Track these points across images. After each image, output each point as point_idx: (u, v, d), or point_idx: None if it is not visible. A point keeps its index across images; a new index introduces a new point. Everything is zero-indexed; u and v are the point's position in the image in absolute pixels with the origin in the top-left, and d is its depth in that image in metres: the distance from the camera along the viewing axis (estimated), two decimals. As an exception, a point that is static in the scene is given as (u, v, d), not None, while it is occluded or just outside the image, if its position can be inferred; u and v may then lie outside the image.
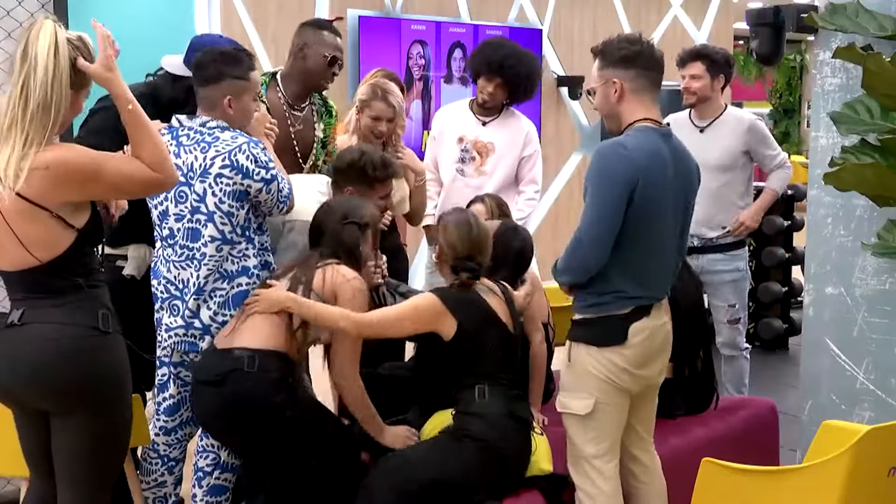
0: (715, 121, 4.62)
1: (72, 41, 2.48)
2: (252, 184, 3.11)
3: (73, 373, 2.50)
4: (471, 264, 3.13)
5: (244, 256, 3.19)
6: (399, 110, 4.05)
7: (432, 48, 7.87)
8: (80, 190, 2.48)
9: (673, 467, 3.29)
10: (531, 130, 4.63)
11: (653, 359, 3.00)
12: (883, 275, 3.61)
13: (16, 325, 2.50)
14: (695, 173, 3.05)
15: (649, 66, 2.94)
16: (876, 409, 3.63)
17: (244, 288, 3.18)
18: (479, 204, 3.92)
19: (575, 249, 2.86)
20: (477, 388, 3.06)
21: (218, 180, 3.10)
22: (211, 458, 3.25)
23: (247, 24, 7.03)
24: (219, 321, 3.18)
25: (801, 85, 20.76)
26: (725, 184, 4.58)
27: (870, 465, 2.65)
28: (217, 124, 3.16)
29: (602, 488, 2.94)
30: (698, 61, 4.57)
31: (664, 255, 2.98)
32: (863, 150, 3.36)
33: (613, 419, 2.97)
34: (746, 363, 4.76)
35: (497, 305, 3.17)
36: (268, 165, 3.14)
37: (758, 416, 3.98)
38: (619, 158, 2.82)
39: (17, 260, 2.48)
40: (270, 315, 3.07)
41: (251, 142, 3.14)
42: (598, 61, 2.97)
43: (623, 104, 2.93)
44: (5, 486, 3.92)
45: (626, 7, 9.22)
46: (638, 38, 2.97)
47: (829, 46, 3.60)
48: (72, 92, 2.47)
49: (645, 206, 2.82)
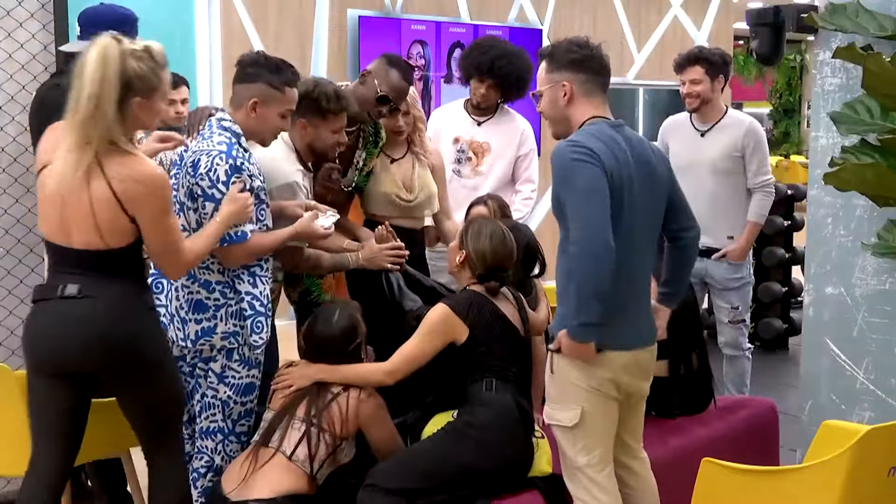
0: (716, 124, 4.61)
1: (135, 51, 2.68)
2: (196, 188, 3.05)
3: (133, 347, 2.77)
4: (500, 273, 3.19)
5: (208, 270, 3.13)
6: (412, 101, 4.04)
7: (432, 48, 7.87)
8: (147, 217, 2.73)
9: (673, 467, 3.29)
10: (527, 129, 4.62)
11: (636, 367, 2.93)
12: (883, 275, 3.61)
13: (74, 297, 2.72)
14: (654, 157, 2.92)
15: (599, 70, 2.90)
16: (876, 409, 3.63)
17: (200, 298, 3.13)
18: (482, 206, 3.90)
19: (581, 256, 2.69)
20: (485, 381, 3.10)
21: (185, 172, 3.09)
22: (205, 460, 3.25)
23: (247, 24, 7.03)
24: (180, 316, 3.16)
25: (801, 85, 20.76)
26: (727, 187, 4.58)
27: (870, 465, 2.65)
28: (229, 125, 3.14)
29: (600, 499, 2.88)
30: (697, 65, 4.56)
31: (642, 252, 2.89)
32: (863, 150, 3.36)
33: (602, 427, 2.89)
34: (748, 363, 4.76)
35: (506, 308, 3.20)
36: (217, 185, 3.02)
37: (758, 416, 3.98)
38: (577, 151, 2.72)
39: (86, 241, 2.71)
40: (282, 461, 3.01)
41: (227, 153, 3.05)
42: (546, 65, 2.92)
43: (572, 107, 2.88)
44: (5, 486, 3.92)
45: (626, 7, 9.21)
46: (586, 41, 2.92)
47: (829, 46, 3.60)
48: (139, 100, 2.68)
49: (614, 196, 2.72)
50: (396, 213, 4.05)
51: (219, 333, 3.15)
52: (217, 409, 3.22)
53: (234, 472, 3.03)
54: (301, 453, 3.01)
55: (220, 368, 3.18)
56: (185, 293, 3.15)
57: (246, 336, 3.17)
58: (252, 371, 3.22)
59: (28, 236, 3.98)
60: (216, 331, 3.14)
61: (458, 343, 3.12)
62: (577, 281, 2.69)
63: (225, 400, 3.20)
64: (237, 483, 2.97)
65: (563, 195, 2.76)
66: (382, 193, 4.01)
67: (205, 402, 3.23)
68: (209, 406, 3.23)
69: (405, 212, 4.07)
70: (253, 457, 3.02)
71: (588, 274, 2.67)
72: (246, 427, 3.26)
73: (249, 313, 3.15)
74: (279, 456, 3.01)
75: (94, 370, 2.79)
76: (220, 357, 3.18)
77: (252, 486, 2.95)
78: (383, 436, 3.18)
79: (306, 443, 3.02)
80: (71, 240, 2.73)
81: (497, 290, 3.20)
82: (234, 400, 3.20)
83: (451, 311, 3.12)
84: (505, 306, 3.21)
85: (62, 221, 2.72)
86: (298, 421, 3.06)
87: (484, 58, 4.40)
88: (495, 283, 3.19)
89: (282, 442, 3.03)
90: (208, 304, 3.14)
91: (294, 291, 3.81)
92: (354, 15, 7.41)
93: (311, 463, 3.00)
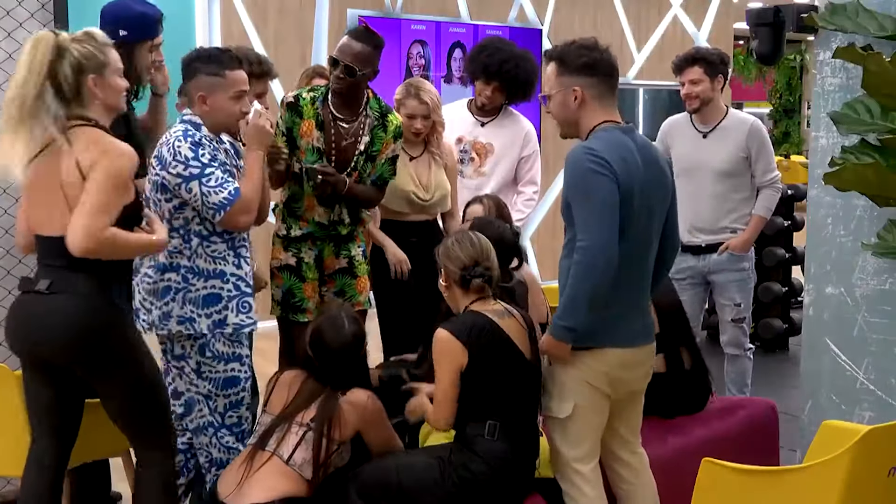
0: (718, 125, 4.61)
1: (76, 37, 2.79)
2: (168, 177, 3.11)
3: (91, 344, 2.80)
4: (479, 269, 3.05)
5: (178, 254, 3.18)
6: (434, 106, 4.10)
7: (432, 48, 7.87)
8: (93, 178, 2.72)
9: (673, 467, 3.29)
10: (530, 131, 4.63)
11: (635, 364, 2.98)
12: (883, 275, 3.61)
13: (43, 292, 2.78)
14: (662, 162, 3.01)
15: (609, 72, 2.93)
16: (876, 409, 3.62)
17: (170, 285, 3.18)
18: (477, 204, 3.92)
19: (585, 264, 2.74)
20: (488, 425, 2.97)
21: (150, 168, 3.19)
22: (205, 455, 3.28)
23: (247, 24, 7.03)
24: (146, 307, 3.20)
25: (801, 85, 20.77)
26: (730, 188, 4.58)
27: (870, 465, 2.65)
28: (189, 118, 3.21)
29: (586, 493, 2.95)
30: (695, 66, 4.55)
31: (647, 254, 2.95)
32: (863, 150, 3.36)
33: (592, 422, 2.96)
34: (750, 363, 4.76)
35: (512, 329, 3.04)
36: (189, 162, 3.08)
37: (758, 416, 3.98)
38: (594, 161, 2.77)
39: (60, 225, 2.73)
40: (278, 465, 3.00)
41: (183, 135, 3.13)
42: (556, 67, 2.93)
43: (583, 111, 2.91)
44: (5, 485, 3.92)
45: (626, 7, 9.21)
46: (595, 44, 2.94)
47: (829, 46, 3.60)
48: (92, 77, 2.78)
49: (625, 204, 2.78)
50: (410, 210, 4.11)
51: (174, 317, 3.18)
52: (202, 405, 3.25)
53: (230, 477, 3.03)
54: (298, 457, 3.00)
55: (195, 364, 3.22)
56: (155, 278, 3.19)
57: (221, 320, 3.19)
58: (231, 365, 3.23)
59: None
60: (172, 315, 3.18)
61: (462, 369, 2.98)
62: (574, 286, 2.77)
63: (206, 394, 3.23)
64: (233, 488, 2.98)
65: (574, 202, 2.81)
66: (400, 190, 4.07)
67: (189, 398, 3.26)
68: (194, 402, 3.26)
69: (420, 209, 4.17)
70: (249, 461, 3.01)
71: (586, 283, 2.75)
72: (236, 418, 3.27)
73: (234, 293, 3.20)
74: (275, 460, 3.01)
75: (65, 364, 2.85)
76: (193, 354, 3.21)
77: (247, 491, 2.96)
78: (381, 440, 3.18)
79: (306, 447, 3.01)
80: (50, 227, 2.78)
81: (484, 290, 3.07)
82: (215, 394, 3.22)
83: (450, 335, 2.98)
84: (511, 327, 3.05)
85: (40, 208, 2.81)
86: (297, 425, 3.05)
87: (491, 60, 4.40)
88: (479, 282, 3.05)
89: (278, 446, 3.03)
90: (170, 287, 3.18)
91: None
92: (354, 15, 7.42)
93: (315, 467, 3.00)
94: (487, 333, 3.00)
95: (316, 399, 3.10)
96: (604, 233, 2.73)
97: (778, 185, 4.65)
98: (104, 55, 2.83)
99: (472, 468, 2.95)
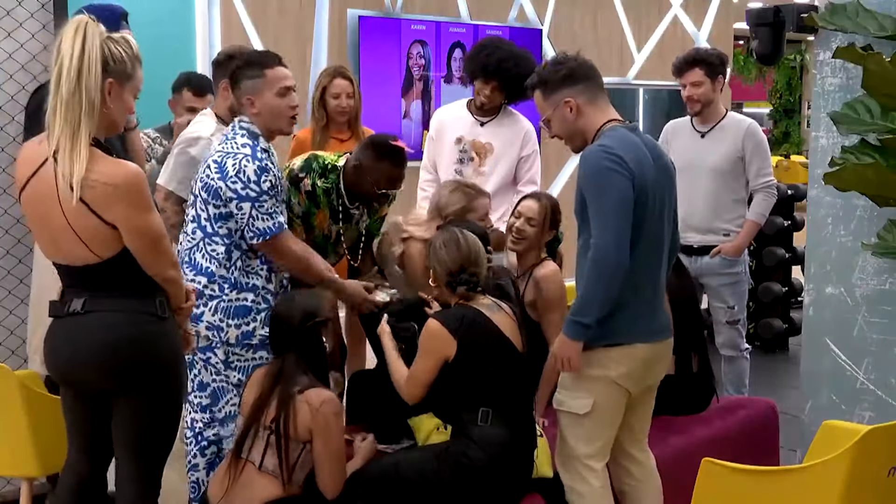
0: (716, 126, 4.62)
1: (112, 37, 2.60)
2: (224, 188, 3.14)
3: (136, 356, 2.63)
4: (464, 276, 3.09)
5: (216, 262, 3.20)
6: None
7: (432, 48, 7.87)
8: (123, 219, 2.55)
9: (673, 467, 3.29)
10: (530, 130, 4.62)
11: (655, 359, 3.00)
12: (883, 275, 3.61)
13: (79, 313, 2.62)
14: (668, 160, 3.07)
15: (590, 74, 2.99)
16: (876, 409, 3.63)
17: (203, 290, 3.18)
18: (534, 202, 3.83)
19: (599, 261, 2.77)
20: (480, 412, 2.99)
21: (206, 168, 3.22)
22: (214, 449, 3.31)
23: (247, 24, 7.02)
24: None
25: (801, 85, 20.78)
26: (723, 186, 4.58)
27: (870, 465, 2.65)
28: (247, 126, 3.24)
29: (594, 486, 2.96)
30: (696, 67, 4.56)
31: (661, 249, 2.98)
32: (863, 150, 3.36)
33: (610, 419, 2.98)
34: (746, 364, 4.76)
35: (503, 322, 3.08)
36: (249, 183, 3.12)
37: (758, 416, 3.99)
38: (611, 159, 2.80)
39: (78, 256, 2.58)
40: (253, 471, 2.96)
41: (252, 154, 3.16)
42: (541, 91, 3.01)
43: (582, 118, 2.96)
44: (5, 485, 3.92)
45: (626, 7, 9.21)
46: (565, 55, 3.02)
47: (829, 46, 3.60)
48: (112, 81, 2.56)
49: (640, 202, 2.83)
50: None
51: (204, 322, 3.21)
52: (231, 394, 3.27)
53: (216, 485, 3.03)
54: (269, 463, 2.97)
55: (223, 355, 3.24)
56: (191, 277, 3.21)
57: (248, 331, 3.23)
58: (260, 353, 3.26)
59: (28, 236, 3.98)
60: (202, 319, 3.20)
61: (449, 360, 3.01)
62: (588, 283, 2.82)
63: (237, 384, 3.25)
64: (220, 497, 2.99)
65: (590, 199, 2.84)
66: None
67: (215, 388, 3.27)
68: (221, 392, 3.28)
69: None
70: (230, 468, 3.00)
71: (600, 280, 2.79)
72: None
73: (264, 307, 3.25)
74: (250, 467, 2.98)
75: (105, 385, 2.68)
76: (221, 344, 3.23)
77: (232, 500, 2.96)
78: (326, 452, 2.97)
79: (272, 451, 2.96)
80: (66, 257, 2.61)
81: (471, 297, 3.10)
82: (244, 382, 3.21)
83: (440, 325, 3.02)
84: (502, 321, 3.08)
85: (52, 240, 2.63)
86: (263, 429, 2.99)
87: (490, 59, 4.39)
88: (463, 289, 3.08)
89: (250, 452, 2.99)
90: (203, 293, 3.19)
91: None
92: (354, 15, 7.41)
93: (282, 470, 2.94)
94: (478, 325, 3.04)
95: (275, 396, 3.01)
96: (618, 229, 2.77)
97: (773, 191, 4.63)
98: (132, 67, 2.64)
99: (469, 454, 2.95)
